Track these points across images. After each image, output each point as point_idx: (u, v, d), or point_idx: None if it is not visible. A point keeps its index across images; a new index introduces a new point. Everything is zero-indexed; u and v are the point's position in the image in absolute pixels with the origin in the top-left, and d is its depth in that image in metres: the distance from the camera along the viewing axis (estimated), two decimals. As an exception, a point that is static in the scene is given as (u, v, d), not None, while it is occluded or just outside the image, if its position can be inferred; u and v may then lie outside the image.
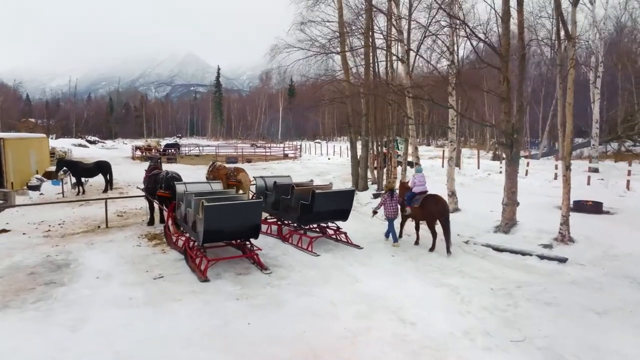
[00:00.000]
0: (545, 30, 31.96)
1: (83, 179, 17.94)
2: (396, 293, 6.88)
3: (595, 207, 11.68)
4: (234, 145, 53.53)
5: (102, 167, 18.13)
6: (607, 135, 30.87)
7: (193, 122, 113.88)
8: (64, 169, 17.99)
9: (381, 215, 10.46)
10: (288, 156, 40.97)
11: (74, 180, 18.00)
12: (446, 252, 8.91)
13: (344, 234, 10.02)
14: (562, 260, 8.02)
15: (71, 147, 42.80)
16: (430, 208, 9.39)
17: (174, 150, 43.61)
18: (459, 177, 15.45)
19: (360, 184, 17.57)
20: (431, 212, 9.37)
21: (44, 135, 28.91)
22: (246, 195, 10.52)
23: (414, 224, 10.18)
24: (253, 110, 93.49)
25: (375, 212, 10.37)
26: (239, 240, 8.51)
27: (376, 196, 15.27)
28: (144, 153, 39.57)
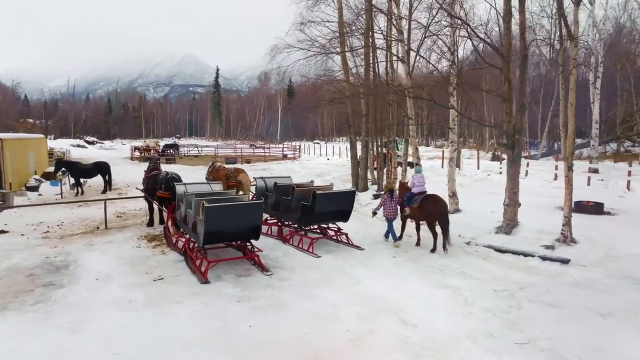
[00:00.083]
0: (545, 30, 32.09)
1: (82, 180, 17.86)
2: (398, 294, 6.84)
3: (596, 208, 11.65)
4: (232, 145, 53.45)
5: (101, 168, 18.05)
6: (606, 135, 30.94)
7: (192, 123, 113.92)
8: (63, 169, 17.92)
9: (381, 215, 10.43)
10: (287, 157, 40.92)
11: (72, 181, 17.93)
12: (442, 248, 9.03)
13: (345, 235, 9.98)
14: (565, 261, 7.98)
15: (69, 147, 42.71)
16: (429, 208, 9.38)
17: (172, 150, 43.47)
18: (459, 178, 15.40)
19: (360, 184, 17.53)
20: (430, 212, 9.35)
21: (42, 135, 28.83)
22: (247, 196, 10.45)
23: (415, 224, 10.13)
24: (252, 111, 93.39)
25: (375, 213, 10.35)
26: (239, 242, 8.46)
27: (376, 197, 15.23)
28: (143, 154, 39.48)
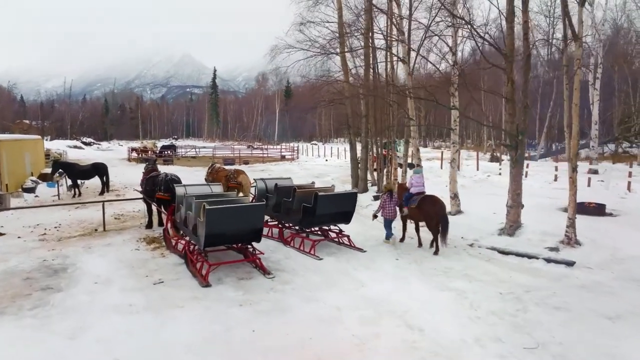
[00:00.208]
0: (542, 31, 32.09)
1: (79, 181, 17.70)
2: (402, 297, 6.75)
3: (598, 209, 11.57)
4: (230, 146, 53.25)
5: (99, 169, 17.88)
6: (605, 136, 31.01)
7: (189, 124, 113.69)
8: (60, 170, 17.74)
9: (381, 218, 10.35)
10: (285, 158, 40.80)
11: (69, 183, 17.76)
12: (430, 244, 9.21)
13: (347, 237, 9.87)
14: (570, 263, 7.90)
15: (66, 148, 42.44)
16: (428, 209, 9.33)
17: (170, 152, 43.27)
18: (459, 179, 15.30)
19: (360, 185, 17.44)
20: (428, 213, 9.30)
21: (38, 136, 28.64)
22: (247, 198, 10.33)
23: (414, 225, 10.10)
24: (249, 112, 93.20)
25: (375, 216, 10.27)
26: (240, 244, 8.34)
27: (376, 198, 15.17)
28: (140, 155, 39.28)
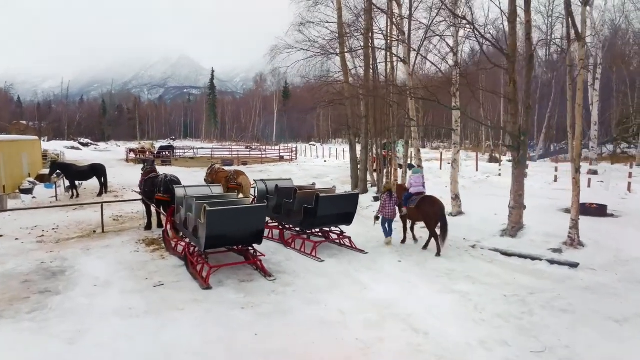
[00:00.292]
0: (540, 31, 32.09)
1: (77, 182, 17.57)
2: (406, 300, 6.67)
3: (599, 210, 11.53)
4: (228, 147, 53.08)
5: (97, 170, 17.76)
6: (604, 137, 31.05)
7: (187, 125, 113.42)
8: (58, 171, 17.61)
9: (380, 218, 10.31)
10: (284, 158, 40.68)
11: (67, 184, 17.63)
12: (440, 248, 9.03)
13: (348, 238, 9.80)
14: (574, 265, 7.83)
15: (63, 149, 42.28)
16: (427, 210, 9.31)
17: (168, 152, 43.11)
18: (459, 180, 15.24)
19: (360, 186, 17.36)
20: (427, 213, 9.27)
21: (36, 137, 28.49)
22: (248, 200, 10.25)
23: (410, 225, 10.13)
24: (247, 113, 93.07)
25: (377, 218, 10.20)
26: (241, 246, 8.25)
27: (376, 199, 15.11)
28: (138, 155, 39.11)
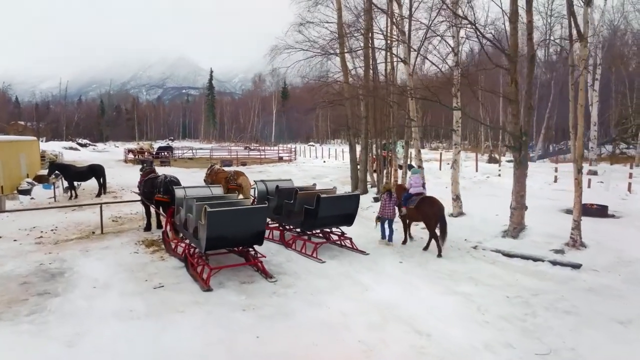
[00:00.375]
0: (539, 32, 32.12)
1: (75, 183, 17.48)
2: (408, 301, 6.62)
3: (600, 211, 11.51)
4: (227, 148, 52.98)
5: (96, 171, 17.67)
6: (603, 137, 31.07)
7: (185, 125, 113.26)
8: (56, 172, 17.51)
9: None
10: (283, 159, 40.62)
11: (66, 184, 17.54)
12: (440, 249, 8.99)
13: (349, 239, 9.75)
14: (576, 266, 7.80)
15: (62, 150, 42.09)
16: (426, 210, 9.29)
17: (167, 153, 42.99)
18: (459, 180, 15.20)
19: (360, 187, 17.31)
20: (427, 214, 9.26)
21: (34, 138, 28.37)
22: (248, 200, 10.19)
23: (408, 224, 10.10)
24: (246, 113, 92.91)
25: (379, 218, 10.17)
26: (242, 247, 8.19)
27: (376, 200, 15.07)
28: (137, 156, 39.01)
